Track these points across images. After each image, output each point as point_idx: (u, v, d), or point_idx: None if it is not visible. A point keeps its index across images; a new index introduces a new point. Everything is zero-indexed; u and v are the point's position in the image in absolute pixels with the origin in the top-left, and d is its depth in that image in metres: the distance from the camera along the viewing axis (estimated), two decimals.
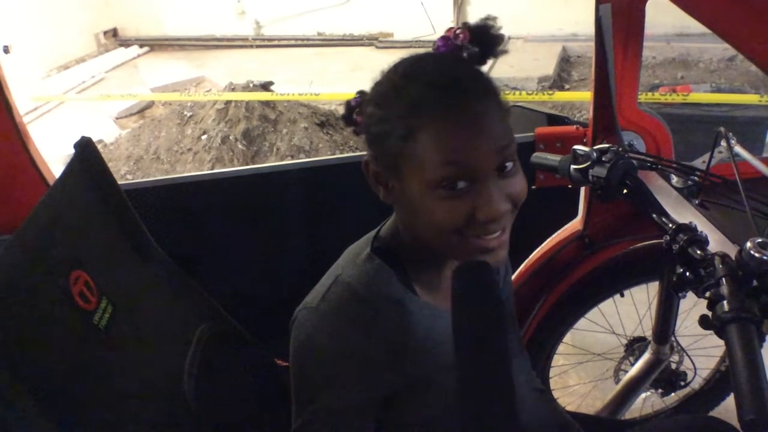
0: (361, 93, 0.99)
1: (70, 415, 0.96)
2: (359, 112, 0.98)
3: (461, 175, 0.86)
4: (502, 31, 0.95)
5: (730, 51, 6.42)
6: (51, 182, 1.47)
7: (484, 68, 0.96)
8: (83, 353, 1.06)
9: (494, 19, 0.95)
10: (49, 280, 1.05)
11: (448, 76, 0.89)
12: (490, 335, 0.87)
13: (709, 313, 0.94)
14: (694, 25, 1.26)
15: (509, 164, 0.89)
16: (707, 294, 0.97)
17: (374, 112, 0.93)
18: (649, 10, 1.52)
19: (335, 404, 0.94)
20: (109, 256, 1.27)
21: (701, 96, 4.26)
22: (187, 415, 1.19)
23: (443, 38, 0.95)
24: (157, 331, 1.28)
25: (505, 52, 0.97)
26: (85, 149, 1.30)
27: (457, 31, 0.94)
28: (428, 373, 1.01)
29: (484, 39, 0.94)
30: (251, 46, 8.90)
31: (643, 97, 4.21)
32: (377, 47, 8.34)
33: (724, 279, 0.95)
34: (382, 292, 0.98)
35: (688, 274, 1.11)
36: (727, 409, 2.05)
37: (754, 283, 0.96)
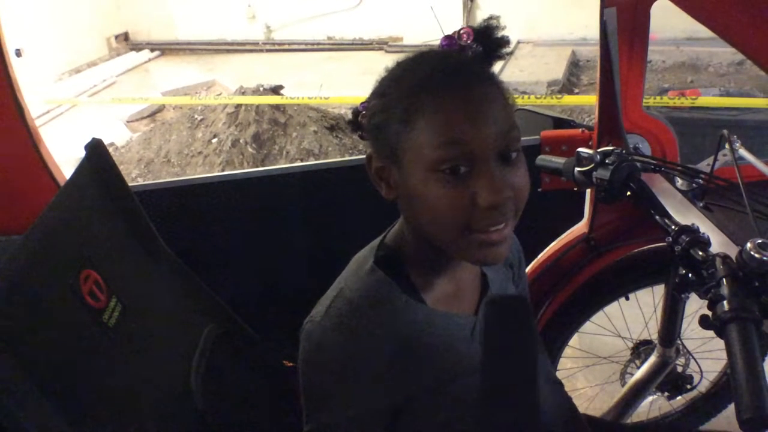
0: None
1: (80, 412, 0.97)
2: (364, 115, 0.97)
3: (461, 157, 0.84)
4: (507, 33, 0.95)
5: (739, 55, 6.38)
6: (61, 183, 1.49)
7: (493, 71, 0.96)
8: (93, 351, 1.07)
9: (498, 19, 0.95)
10: (60, 279, 1.07)
11: (451, 63, 0.89)
12: (522, 383, 0.86)
13: (710, 314, 0.94)
14: (704, 29, 1.26)
15: (513, 154, 0.88)
16: (708, 294, 0.97)
17: (375, 103, 0.93)
18: (659, 13, 1.53)
19: (339, 417, 0.94)
20: (119, 256, 1.28)
21: (710, 100, 4.27)
22: (194, 413, 1.21)
23: (448, 37, 0.95)
24: (165, 330, 1.29)
25: (510, 54, 0.98)
26: (96, 151, 1.32)
27: (461, 31, 0.94)
28: (440, 379, 0.99)
29: (488, 40, 0.94)
30: (261, 51, 8.95)
31: (651, 101, 4.21)
32: (387, 51, 8.36)
33: (724, 279, 0.96)
34: (384, 305, 0.96)
35: (690, 275, 1.12)
36: (734, 412, 2.04)
37: (755, 283, 0.97)
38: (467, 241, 0.89)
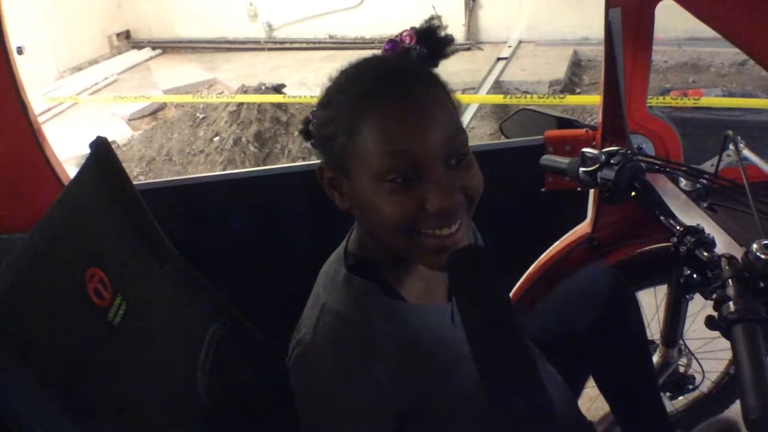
0: None
1: (85, 409, 0.97)
2: (314, 124, 0.98)
3: (407, 166, 0.84)
4: (449, 32, 0.97)
5: (741, 55, 6.38)
6: (65, 182, 1.49)
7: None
8: (98, 349, 1.08)
9: (439, 18, 0.96)
10: (65, 277, 1.07)
11: (391, 70, 0.90)
12: (499, 319, 0.87)
13: (716, 314, 0.95)
14: (706, 30, 1.26)
15: (461, 156, 0.88)
16: (714, 295, 0.97)
17: (322, 114, 0.93)
18: (661, 14, 1.53)
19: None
20: (124, 255, 1.28)
21: (712, 100, 4.27)
22: (199, 411, 1.21)
23: (390, 41, 0.96)
24: (170, 329, 1.29)
25: (454, 52, 0.97)
26: (101, 149, 1.33)
27: (404, 34, 0.95)
28: (439, 372, 0.99)
29: (431, 40, 0.95)
30: (263, 49, 8.92)
31: (654, 101, 4.20)
32: None
33: (730, 280, 0.96)
34: (372, 310, 0.96)
35: (695, 275, 1.12)
36: (736, 413, 2.04)
37: (761, 284, 0.97)
38: (420, 246, 0.90)
